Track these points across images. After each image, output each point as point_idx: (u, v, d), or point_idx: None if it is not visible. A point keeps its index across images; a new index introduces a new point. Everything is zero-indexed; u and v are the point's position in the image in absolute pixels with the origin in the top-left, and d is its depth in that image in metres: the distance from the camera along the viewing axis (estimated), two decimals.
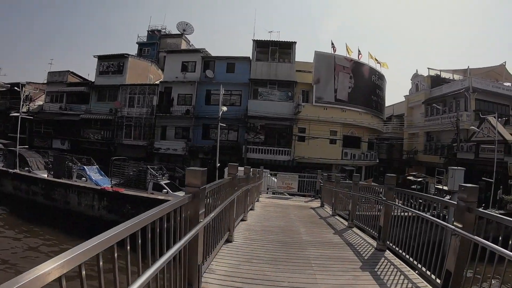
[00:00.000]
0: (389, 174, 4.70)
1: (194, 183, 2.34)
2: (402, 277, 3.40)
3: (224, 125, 18.44)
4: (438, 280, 2.93)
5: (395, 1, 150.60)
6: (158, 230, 1.73)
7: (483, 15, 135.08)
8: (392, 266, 3.76)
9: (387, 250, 4.36)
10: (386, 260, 3.99)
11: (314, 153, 20.91)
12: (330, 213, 8.26)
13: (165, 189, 15.09)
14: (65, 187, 14.58)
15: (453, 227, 2.67)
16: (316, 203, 10.72)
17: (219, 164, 18.09)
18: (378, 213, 4.97)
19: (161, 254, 1.66)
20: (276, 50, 22.53)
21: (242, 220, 5.85)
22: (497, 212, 14.32)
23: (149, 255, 1.57)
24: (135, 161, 20.58)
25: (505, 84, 26.22)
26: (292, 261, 3.81)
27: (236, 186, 4.45)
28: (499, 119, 18.25)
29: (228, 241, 4.25)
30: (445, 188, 16.57)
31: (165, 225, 1.79)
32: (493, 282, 2.23)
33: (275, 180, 14.34)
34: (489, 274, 2.28)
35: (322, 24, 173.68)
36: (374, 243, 4.75)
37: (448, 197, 16.42)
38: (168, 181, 16.45)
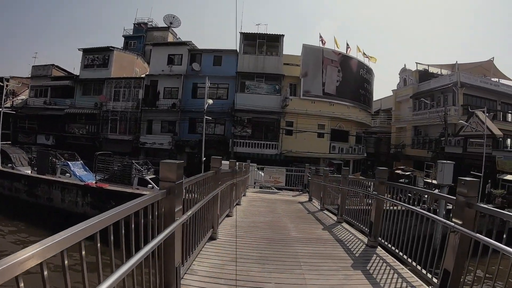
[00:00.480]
0: (380, 168, 4.52)
1: (169, 178, 2.12)
2: (396, 275, 3.23)
3: (210, 118, 18.13)
4: (435, 280, 2.78)
5: None
6: (133, 226, 1.62)
7: (474, 13, 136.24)
8: (384, 264, 3.58)
9: (378, 247, 4.19)
10: (378, 258, 3.81)
11: (302, 146, 20.72)
12: (319, 207, 8.08)
13: (151, 184, 14.78)
14: (49, 183, 14.14)
15: (452, 223, 2.51)
16: (304, 198, 10.53)
17: (204, 158, 17.76)
18: (368, 207, 4.79)
19: (132, 255, 1.47)
20: (263, 43, 22.21)
21: (228, 215, 5.63)
22: (486, 206, 14.35)
23: (123, 254, 1.45)
24: (121, 156, 20.26)
25: (492, 79, 26.36)
26: (279, 260, 3.58)
27: (219, 181, 4.20)
28: (487, 114, 18.27)
29: (212, 238, 4.01)
30: (434, 182, 16.54)
31: (142, 222, 1.70)
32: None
33: (262, 174, 14.10)
34: (490, 275, 2.14)
35: (311, 18, 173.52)
36: (365, 239, 4.58)
37: (436, 190, 16.41)
38: (154, 176, 16.16)
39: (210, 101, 17.54)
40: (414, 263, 3.20)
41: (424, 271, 3.01)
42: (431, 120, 23.50)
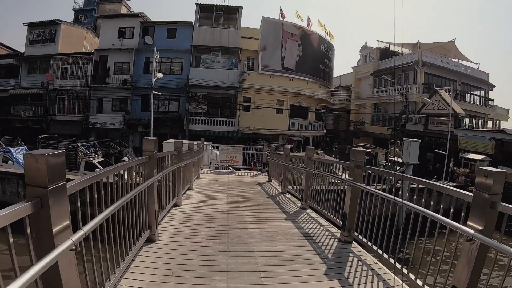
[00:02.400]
0: (356, 148, 3.75)
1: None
2: (381, 283, 2.63)
3: (159, 93, 16.90)
4: None
5: None
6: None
7: None
8: (365, 268, 2.92)
9: (353, 242, 3.56)
10: (355, 259, 3.15)
11: (260, 123, 20.02)
12: (279, 189, 7.29)
13: (99, 168, 13.56)
14: None
15: (471, 231, 1.85)
16: (263, 178, 9.68)
17: (155, 138, 16.59)
18: (333, 187, 4.08)
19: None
20: (220, 15, 21.05)
21: (175, 205, 4.80)
22: (449, 184, 14.28)
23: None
24: (70, 138, 18.79)
25: (453, 60, 26.72)
26: (233, 270, 2.77)
27: (155, 168, 3.23)
28: (448, 93, 18.31)
29: (150, 241, 3.17)
30: (400, 160, 16.35)
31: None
32: None
33: (218, 153, 13.13)
34: None
35: None
36: (336, 231, 3.94)
37: (400, 168, 16.22)
38: (102, 159, 15.22)
39: (160, 75, 16.42)
40: (404, 269, 2.58)
41: (420, 283, 2.37)
42: (392, 98, 23.48)
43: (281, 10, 22.00)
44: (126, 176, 2.55)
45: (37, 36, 24.81)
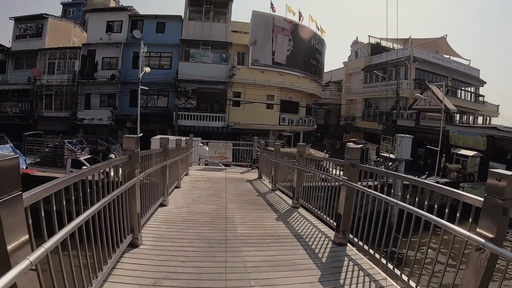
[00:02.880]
0: (351, 145, 3.54)
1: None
2: None
3: (146, 88, 16.58)
4: None
5: None
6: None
7: None
8: (362, 274, 2.73)
9: (348, 245, 3.39)
10: (351, 262, 2.98)
11: (250, 118, 19.84)
12: (270, 187, 7.10)
13: (86, 165, 13.24)
14: None
15: (482, 240, 1.67)
16: (253, 174, 9.51)
17: (141, 134, 16.30)
18: (325, 183, 3.83)
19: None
20: (210, 8, 20.80)
21: (161, 205, 4.59)
22: (441, 180, 14.22)
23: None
24: (57, 135, 18.42)
25: (444, 56, 26.78)
26: (221, 278, 2.56)
27: (137, 168, 2.99)
28: (440, 89, 18.28)
29: (133, 245, 2.96)
30: (392, 156, 16.23)
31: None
32: None
33: (207, 149, 12.87)
34: None
35: None
36: (329, 233, 3.76)
37: (392, 164, 16.11)
38: (89, 156, 14.82)
39: (147, 69, 16.12)
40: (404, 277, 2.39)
41: None
42: (383, 93, 23.45)
43: (272, 4, 21.83)
44: (112, 174, 2.41)
45: (24, 31, 24.31)
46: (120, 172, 2.64)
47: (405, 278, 2.34)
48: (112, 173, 2.49)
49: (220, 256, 3.00)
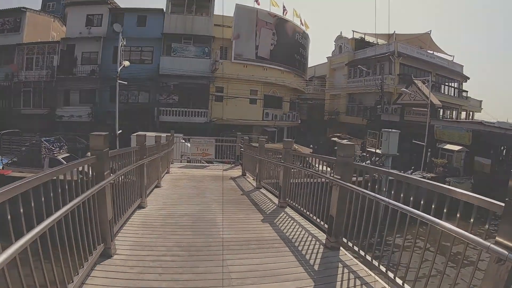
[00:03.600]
0: (344, 142, 3.54)
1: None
2: None
3: (125, 83, 16.17)
4: None
5: None
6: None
7: None
8: (358, 281, 2.53)
9: (341, 249, 3.16)
10: (346, 270, 2.76)
11: (233, 114, 19.64)
12: (254, 184, 6.89)
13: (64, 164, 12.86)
14: None
15: (505, 252, 1.45)
16: (237, 171, 9.29)
17: (120, 131, 15.95)
18: (312, 180, 3.63)
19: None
20: (193, 2, 20.48)
21: (140, 207, 4.32)
22: (428, 175, 14.18)
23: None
24: (36, 133, 17.88)
25: (428, 51, 26.97)
26: None
27: (107, 170, 2.70)
28: (425, 84, 18.34)
29: (106, 256, 2.69)
30: (378, 151, 16.17)
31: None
32: None
33: (189, 145, 12.56)
34: None
35: None
36: (320, 235, 3.52)
37: (379, 160, 16.05)
38: (68, 155, 14.49)
39: (127, 63, 15.79)
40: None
41: None
42: (367, 88, 23.50)
43: None
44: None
45: (2, 25, 23.53)
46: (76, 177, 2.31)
47: (407, 287, 2.14)
48: (75, 177, 2.18)
49: (201, 266, 2.74)
